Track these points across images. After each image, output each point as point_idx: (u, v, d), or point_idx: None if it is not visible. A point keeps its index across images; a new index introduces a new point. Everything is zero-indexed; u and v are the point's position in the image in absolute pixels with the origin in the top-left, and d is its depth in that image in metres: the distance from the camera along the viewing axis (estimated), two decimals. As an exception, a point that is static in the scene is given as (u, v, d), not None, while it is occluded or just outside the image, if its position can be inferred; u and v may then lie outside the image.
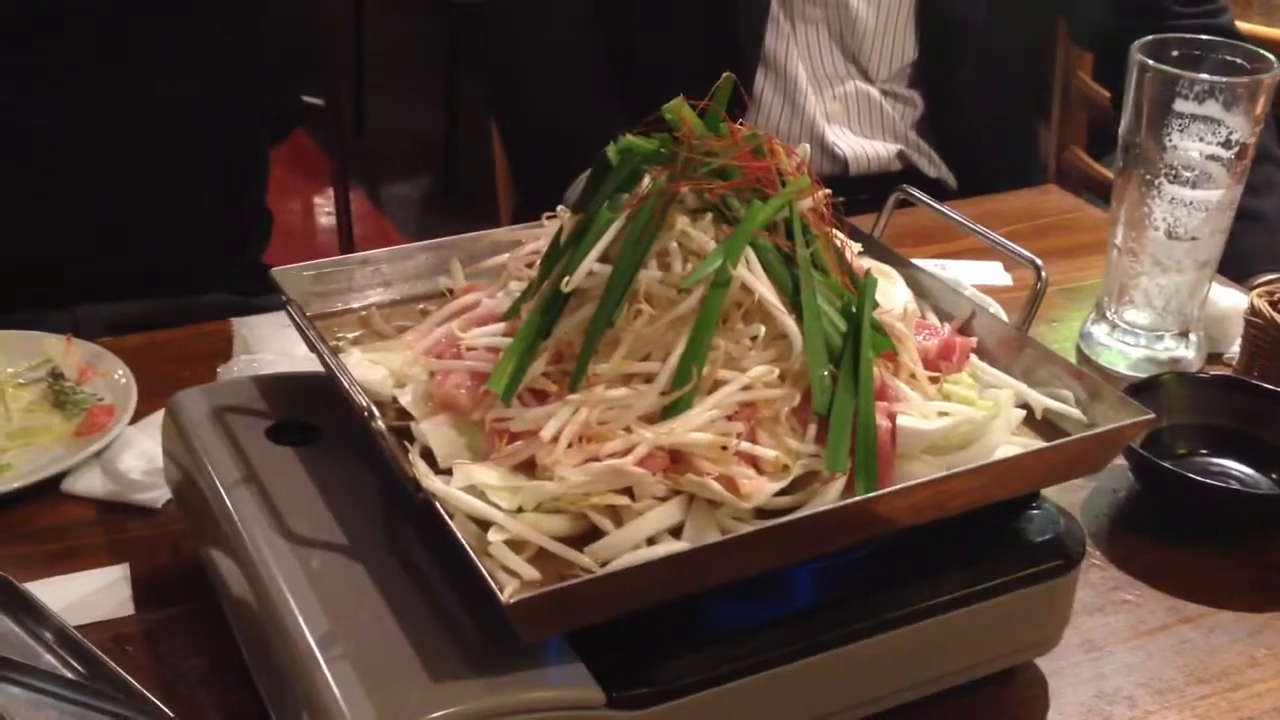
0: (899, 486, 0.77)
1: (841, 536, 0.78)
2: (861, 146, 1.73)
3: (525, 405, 0.80)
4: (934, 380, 0.87)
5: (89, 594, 0.97)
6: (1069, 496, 1.08)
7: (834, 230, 0.86)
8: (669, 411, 0.78)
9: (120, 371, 1.13)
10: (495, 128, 1.84)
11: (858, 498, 0.76)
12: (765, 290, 0.80)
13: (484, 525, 0.76)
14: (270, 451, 0.90)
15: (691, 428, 0.77)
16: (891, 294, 0.92)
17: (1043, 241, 1.51)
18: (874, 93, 1.73)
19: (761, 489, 0.76)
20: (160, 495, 1.04)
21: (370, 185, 3.84)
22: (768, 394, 0.79)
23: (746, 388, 0.78)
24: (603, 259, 0.81)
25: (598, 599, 0.71)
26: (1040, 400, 0.87)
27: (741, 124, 0.86)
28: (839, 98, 1.72)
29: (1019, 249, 0.93)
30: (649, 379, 0.78)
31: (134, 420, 1.11)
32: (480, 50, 2.45)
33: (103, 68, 1.44)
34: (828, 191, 0.85)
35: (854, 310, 0.82)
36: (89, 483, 1.06)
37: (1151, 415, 0.83)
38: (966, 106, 1.75)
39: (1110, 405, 0.85)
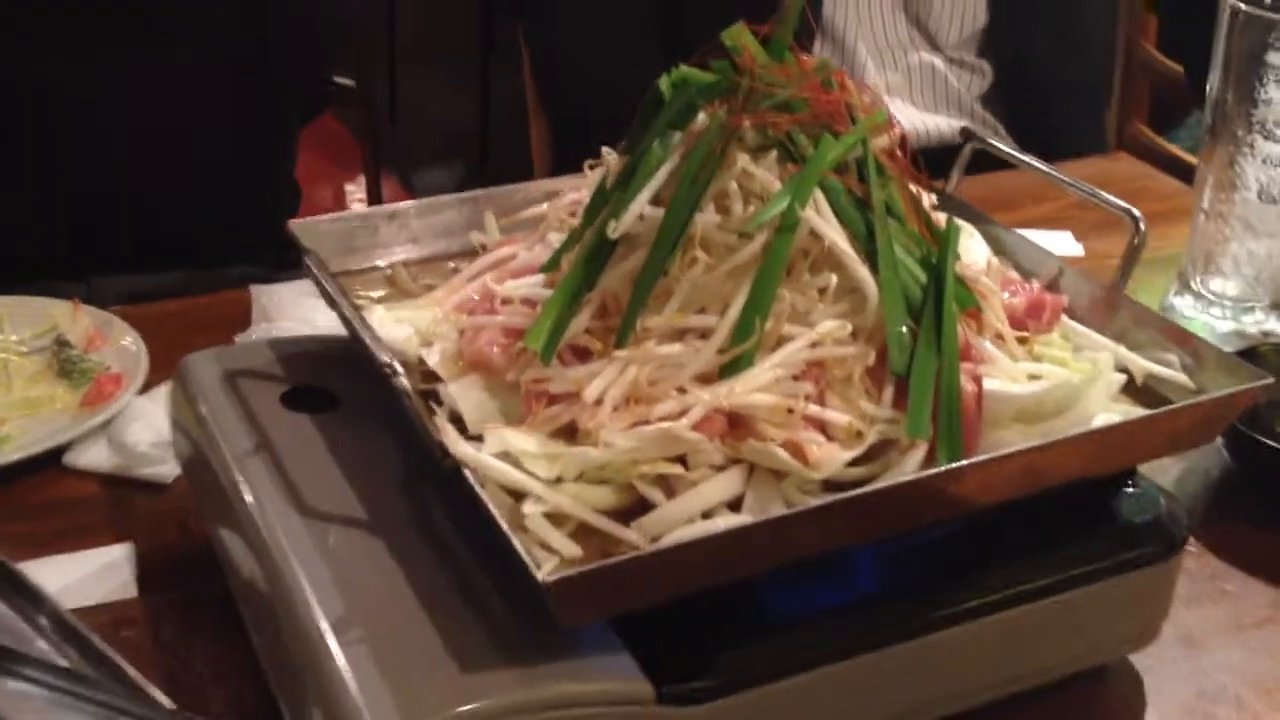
0: (988, 456, 0.68)
1: (922, 512, 0.69)
2: (923, 121, 1.63)
3: (566, 365, 0.72)
4: (1022, 341, 0.77)
5: (89, 575, 0.89)
6: (1157, 478, 0.98)
7: (910, 175, 0.77)
8: (728, 370, 0.69)
9: (130, 338, 1.06)
10: (533, 100, 1.75)
11: (942, 468, 0.67)
12: (836, 236, 0.71)
13: (519, 497, 0.67)
14: (285, 418, 0.81)
15: (753, 388, 0.68)
16: (970, 249, 0.83)
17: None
18: (939, 63, 1.63)
19: (832, 457, 0.67)
20: (169, 470, 0.96)
21: (402, 175, 3.77)
22: (839, 351, 0.70)
23: (815, 344, 0.70)
24: (654, 202, 0.72)
25: (646, 579, 0.62)
26: (1142, 364, 0.78)
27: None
28: (901, 69, 1.62)
29: (1111, 198, 0.84)
30: (705, 334, 0.70)
31: (144, 390, 1.03)
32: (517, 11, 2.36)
33: (130, 35, 1.37)
34: (903, 130, 0.76)
35: (934, 261, 0.73)
36: (94, 456, 0.98)
37: (1270, 379, 0.74)
38: (1037, 74, 1.65)
39: (1220, 370, 0.76)
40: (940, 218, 0.79)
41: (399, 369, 0.68)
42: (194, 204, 1.47)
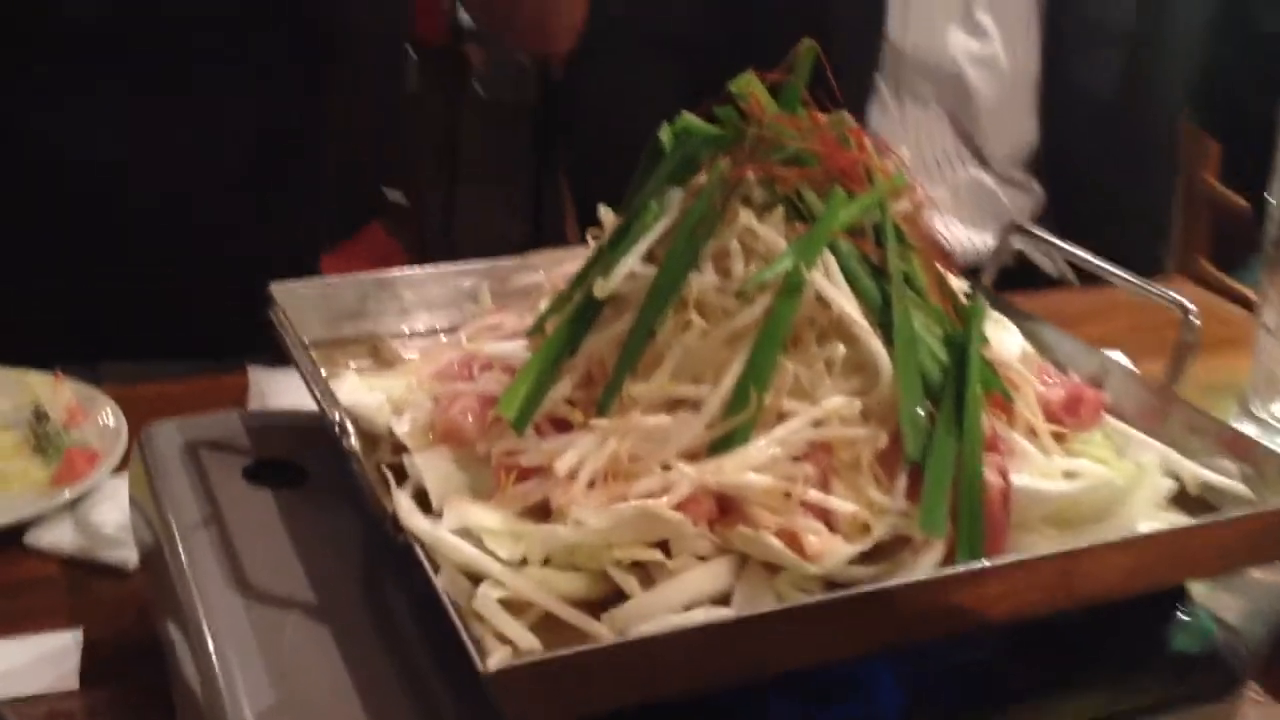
0: (1013, 558, 0.60)
1: (935, 620, 0.60)
2: (971, 240, 1.55)
3: (543, 436, 0.64)
4: (1058, 439, 0.69)
5: (32, 662, 0.81)
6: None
7: (935, 248, 0.70)
8: (719, 447, 0.61)
9: (108, 410, 0.99)
10: (568, 196, 1.71)
11: (959, 568, 0.59)
12: (847, 304, 0.63)
13: (479, 580, 0.59)
14: (244, 493, 0.74)
15: (746, 467, 0.60)
16: (1003, 341, 0.75)
17: (1172, 334, 1.33)
18: (987, 179, 1.54)
19: (834, 550, 0.59)
20: (133, 554, 0.89)
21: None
22: (846, 433, 0.62)
23: (819, 423, 0.62)
24: (649, 260, 0.65)
25: (608, 677, 0.54)
26: (1196, 471, 0.69)
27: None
28: (948, 184, 1.55)
29: (1162, 289, 0.76)
30: (697, 406, 0.62)
31: (121, 469, 0.96)
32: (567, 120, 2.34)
33: (164, 98, 1.33)
34: (926, 196, 0.69)
35: (958, 339, 0.65)
36: (57, 536, 0.91)
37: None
38: (1092, 197, 1.57)
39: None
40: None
41: (349, 428, 0.61)
42: (213, 292, 1.42)
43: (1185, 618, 0.70)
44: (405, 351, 0.81)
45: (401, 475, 0.67)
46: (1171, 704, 0.66)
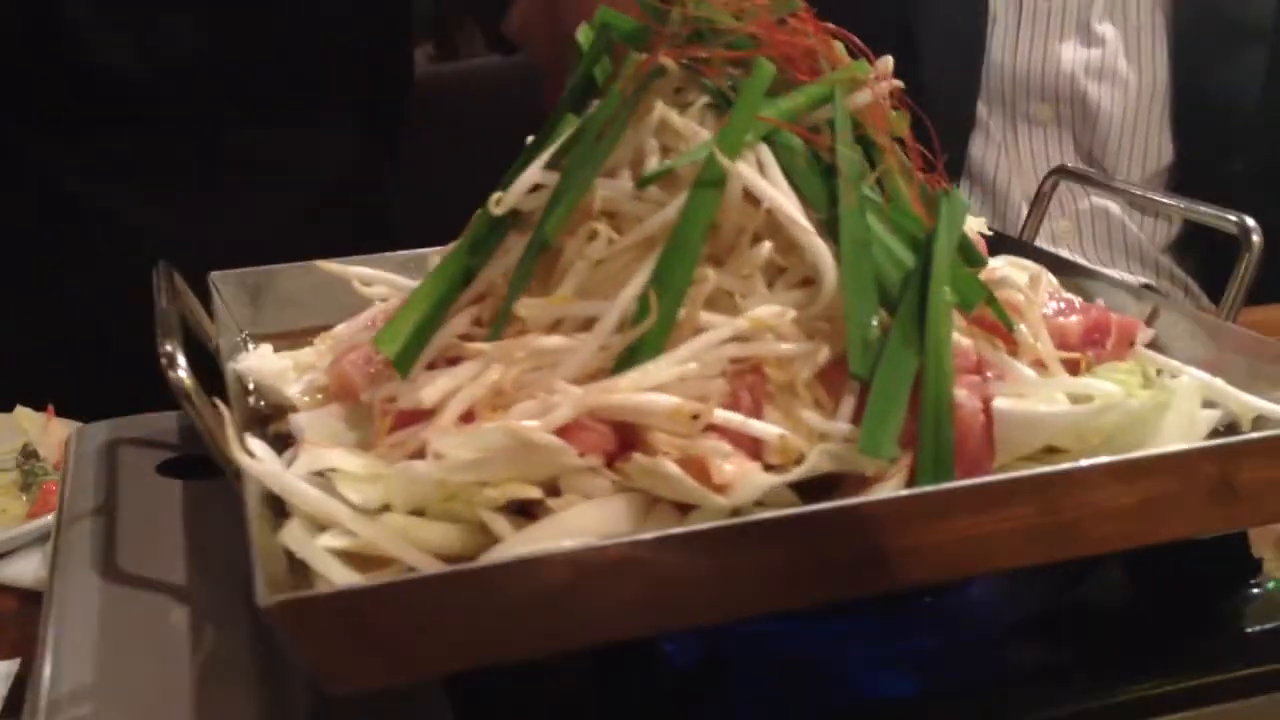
0: (980, 480, 0.47)
1: (883, 566, 0.47)
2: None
3: (436, 379, 0.54)
4: (1073, 366, 0.56)
5: (-38, 690, 0.74)
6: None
7: (912, 149, 0.58)
8: (622, 367, 0.50)
9: (91, 443, 0.93)
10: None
11: (904, 492, 0.47)
12: (780, 198, 0.52)
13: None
14: (151, 485, 0.66)
15: (644, 386, 0.49)
16: (1014, 272, 0.63)
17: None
18: (1114, 207, 1.37)
19: (748, 479, 0.47)
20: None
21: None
22: (774, 348, 0.51)
23: (742, 338, 0.51)
24: (556, 169, 0.56)
25: (435, 623, 0.43)
26: (1245, 400, 0.55)
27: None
28: (1069, 214, 1.38)
29: (1220, 210, 0.64)
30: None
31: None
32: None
33: (215, 171, 1.30)
34: (898, 84, 0.58)
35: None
36: (19, 569, 0.84)
37: None
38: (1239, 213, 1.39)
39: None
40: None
41: (180, 360, 0.52)
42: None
43: (1257, 590, 0.56)
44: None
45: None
46: (1235, 689, 0.52)
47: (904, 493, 0.47)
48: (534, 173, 0.55)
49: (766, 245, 0.52)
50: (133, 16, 1.17)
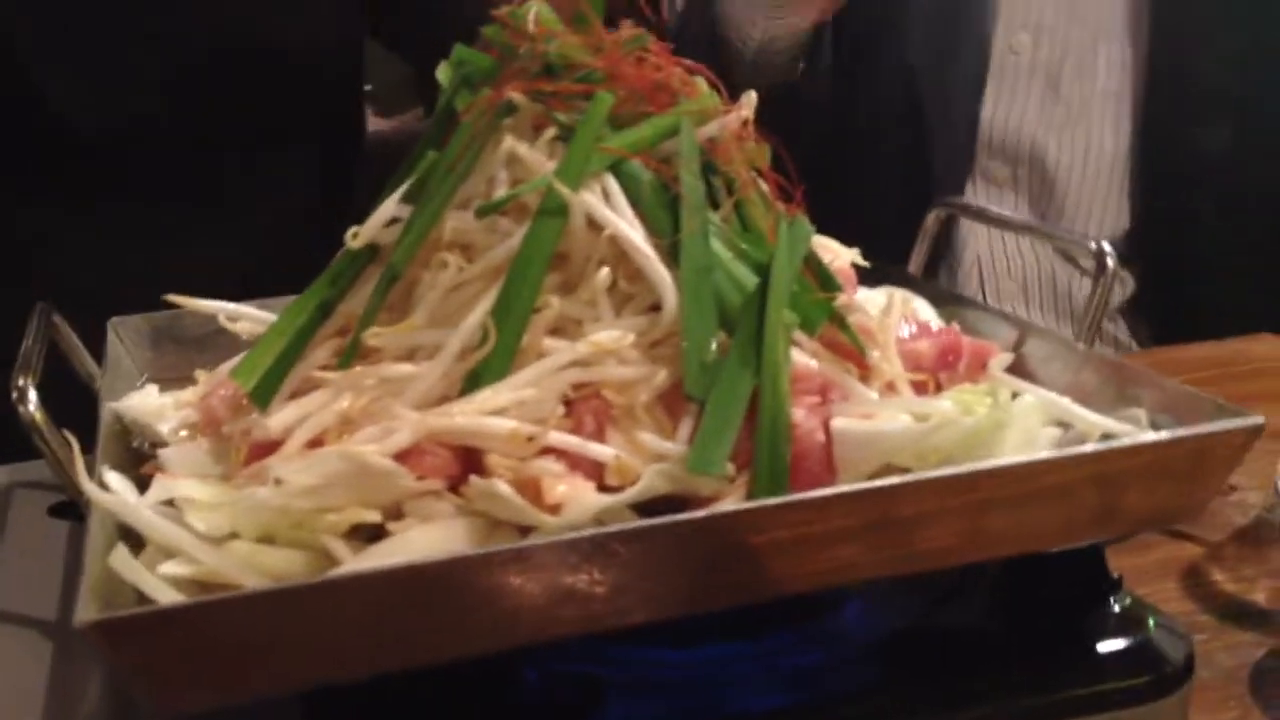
0: (808, 495, 0.48)
1: (716, 582, 0.48)
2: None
3: (295, 411, 0.55)
4: (922, 387, 0.57)
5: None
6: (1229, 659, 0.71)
7: (769, 179, 0.60)
8: (466, 393, 0.51)
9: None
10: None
11: (730, 507, 0.47)
12: (623, 225, 0.54)
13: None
14: (39, 526, 0.67)
15: (483, 410, 0.50)
16: (871, 299, 0.64)
17: (1249, 385, 1.16)
18: (1061, 271, 1.32)
19: (579, 500, 0.48)
20: None
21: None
22: (616, 373, 0.52)
23: (583, 363, 0.51)
24: (409, 201, 0.57)
25: (258, 642, 0.44)
26: (1089, 418, 0.56)
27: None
28: (1017, 279, 1.33)
29: (1081, 236, 0.65)
30: (450, 355, 0.53)
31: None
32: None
33: (189, 204, 1.29)
34: (744, 114, 0.59)
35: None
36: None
37: (1260, 420, 0.51)
38: (1195, 282, 1.31)
39: (1204, 420, 0.54)
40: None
41: (30, 395, 0.53)
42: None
43: (1117, 607, 0.57)
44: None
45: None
46: (1102, 704, 0.53)
47: (763, 503, 0.48)
48: (390, 206, 0.57)
49: (604, 271, 0.53)
50: (94, 64, 1.18)
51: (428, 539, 0.49)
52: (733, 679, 0.55)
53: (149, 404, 0.64)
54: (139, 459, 0.64)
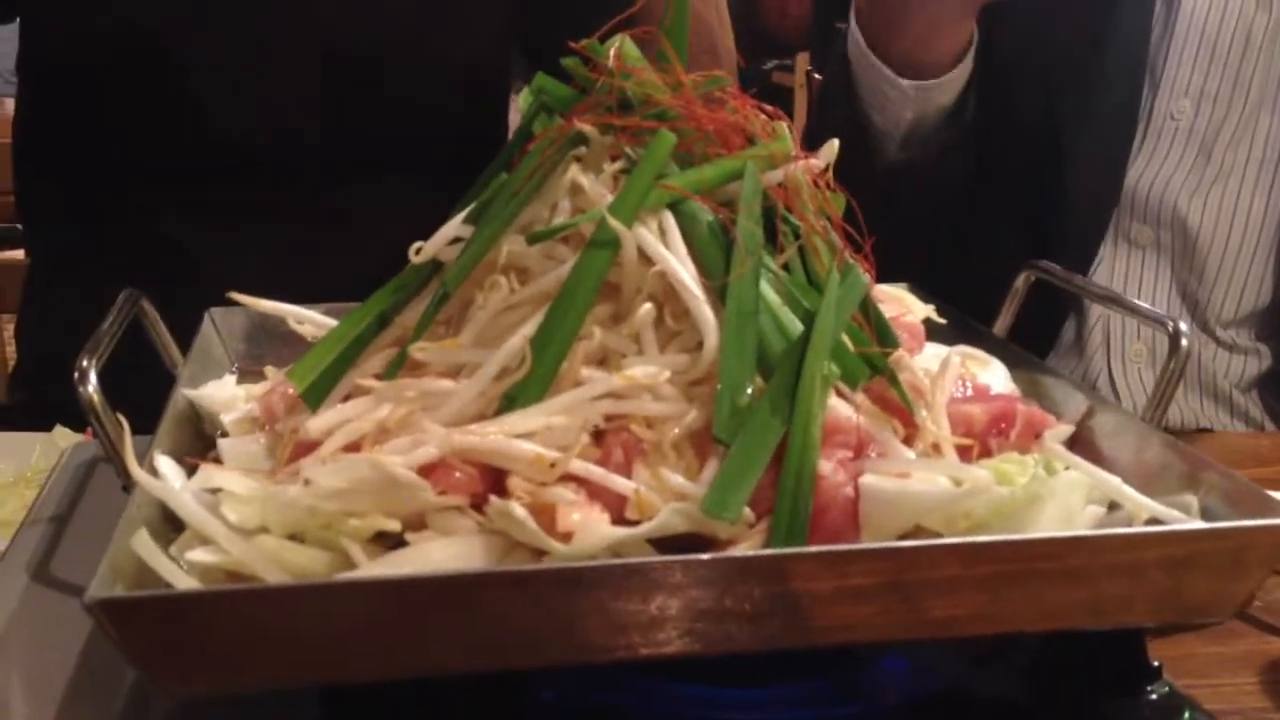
0: (821, 549, 0.47)
1: (722, 628, 0.48)
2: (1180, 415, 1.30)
3: (348, 415, 0.57)
4: (967, 452, 0.56)
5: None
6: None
7: (838, 229, 0.59)
8: (500, 414, 0.52)
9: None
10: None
11: (734, 553, 0.47)
12: (674, 262, 0.54)
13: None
14: (114, 501, 0.69)
15: (515, 432, 0.51)
16: (929, 355, 0.63)
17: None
18: (1203, 346, 1.26)
19: (592, 529, 0.48)
20: None
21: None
22: (648, 407, 0.52)
23: (617, 395, 0.52)
24: (472, 222, 0.58)
25: (263, 636, 0.45)
26: (1138, 500, 0.54)
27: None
28: (1151, 349, 1.27)
29: (1155, 310, 0.63)
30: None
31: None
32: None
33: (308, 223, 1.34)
34: (817, 165, 0.59)
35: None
36: None
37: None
38: None
39: (1252, 512, 0.52)
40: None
41: (91, 377, 0.55)
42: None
43: (1154, 697, 0.55)
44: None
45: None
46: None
47: (774, 552, 0.48)
48: (454, 225, 0.58)
49: (647, 306, 0.53)
50: (247, 81, 1.23)
51: (443, 553, 0.50)
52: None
53: (221, 394, 0.66)
54: (210, 447, 0.67)
